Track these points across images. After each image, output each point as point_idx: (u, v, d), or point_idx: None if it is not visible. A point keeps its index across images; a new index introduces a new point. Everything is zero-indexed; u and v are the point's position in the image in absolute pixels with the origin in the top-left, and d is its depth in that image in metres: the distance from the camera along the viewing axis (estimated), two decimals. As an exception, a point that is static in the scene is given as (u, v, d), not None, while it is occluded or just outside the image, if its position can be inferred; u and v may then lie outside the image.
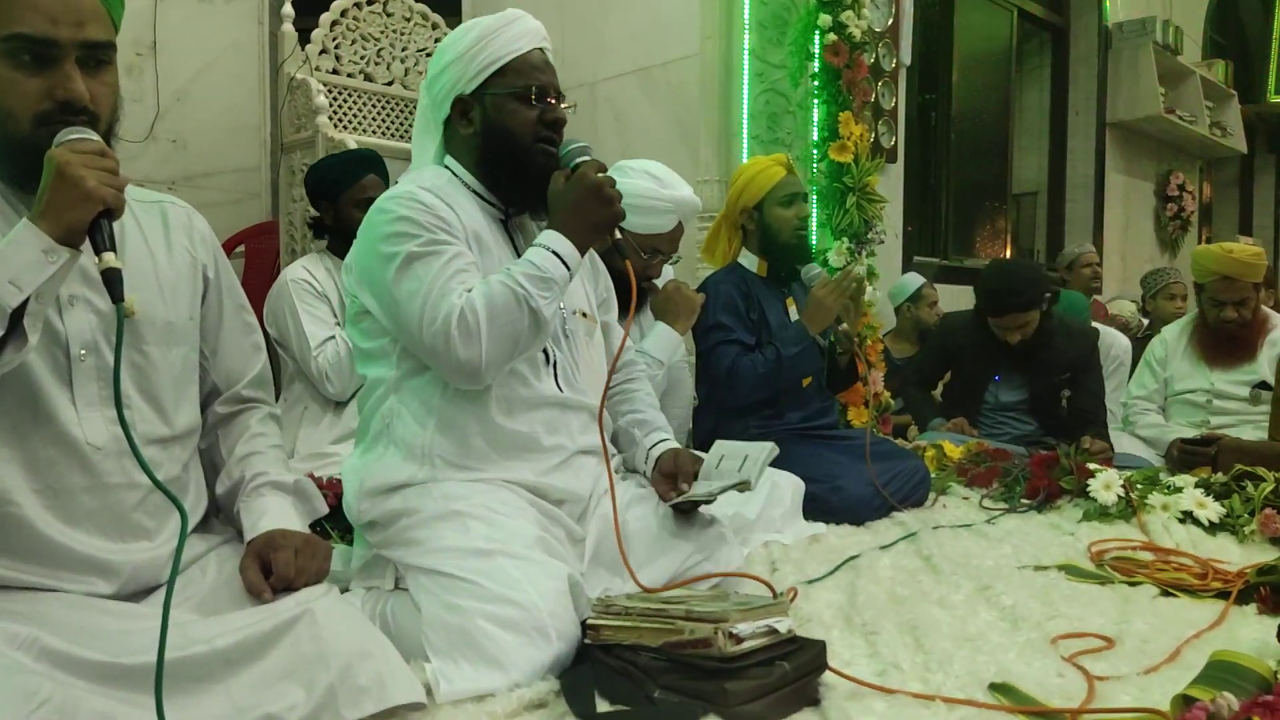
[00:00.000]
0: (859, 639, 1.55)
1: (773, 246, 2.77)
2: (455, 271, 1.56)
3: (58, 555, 1.19)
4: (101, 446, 1.22)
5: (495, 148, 1.68)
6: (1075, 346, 3.35)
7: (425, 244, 1.56)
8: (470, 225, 1.65)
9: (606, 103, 4.23)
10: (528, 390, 1.64)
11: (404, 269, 1.55)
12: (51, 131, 1.17)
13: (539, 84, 1.66)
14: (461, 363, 1.52)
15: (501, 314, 1.52)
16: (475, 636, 1.32)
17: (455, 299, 1.52)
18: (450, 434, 1.60)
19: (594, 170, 1.61)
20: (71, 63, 1.19)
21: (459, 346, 1.51)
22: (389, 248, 1.57)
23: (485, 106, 1.67)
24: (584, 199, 1.59)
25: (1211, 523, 2.34)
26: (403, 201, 1.59)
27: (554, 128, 1.67)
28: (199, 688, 1.08)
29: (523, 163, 1.67)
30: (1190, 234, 7.30)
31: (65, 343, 1.21)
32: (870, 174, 3.76)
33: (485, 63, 1.65)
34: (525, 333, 1.54)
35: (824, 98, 3.72)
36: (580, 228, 1.60)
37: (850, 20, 3.71)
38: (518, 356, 1.58)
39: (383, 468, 1.62)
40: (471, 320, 1.51)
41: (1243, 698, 1.11)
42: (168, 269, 1.36)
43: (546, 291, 1.54)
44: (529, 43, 1.67)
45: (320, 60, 3.62)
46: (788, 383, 2.69)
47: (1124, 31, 6.34)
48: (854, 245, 3.72)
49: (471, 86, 1.67)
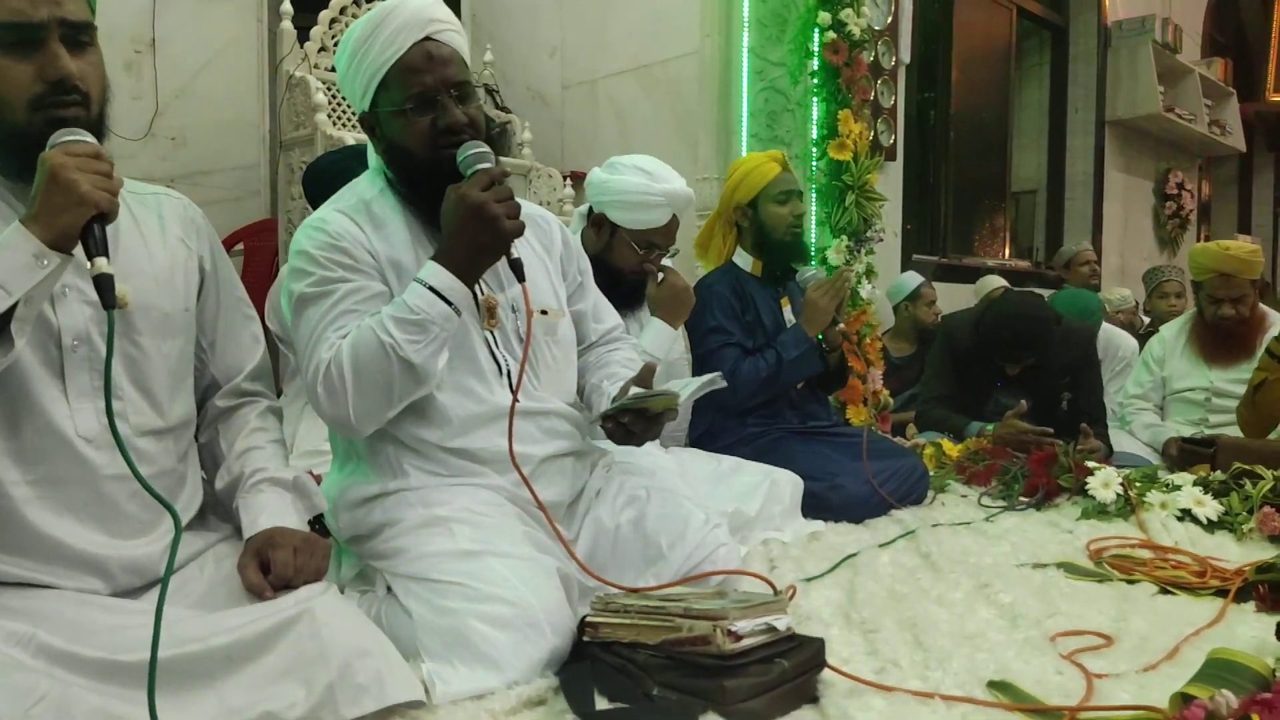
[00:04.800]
0: (858, 637, 1.55)
1: (767, 244, 2.76)
2: (338, 315, 1.48)
3: (51, 549, 1.18)
4: (93, 439, 1.21)
5: (401, 166, 1.58)
6: (1074, 349, 3.35)
7: (316, 284, 1.50)
8: (387, 250, 1.55)
9: (606, 100, 4.23)
10: (479, 405, 1.56)
11: (298, 313, 1.52)
12: (47, 116, 1.16)
13: (419, 90, 1.51)
14: (331, 419, 1.48)
15: (367, 367, 1.42)
16: (469, 637, 1.31)
17: (324, 352, 1.45)
18: (413, 450, 1.57)
19: (480, 185, 1.44)
20: (56, 42, 1.18)
21: (325, 404, 1.46)
22: (291, 284, 1.54)
23: (380, 124, 1.57)
24: (465, 220, 1.44)
25: (1210, 521, 2.34)
26: (307, 232, 1.54)
27: (452, 131, 1.51)
28: (197, 684, 1.08)
29: (429, 176, 1.53)
30: (1189, 232, 7.30)
31: (57, 333, 1.21)
32: (869, 172, 3.76)
33: (366, 80, 1.54)
34: (397, 383, 1.44)
35: (823, 95, 3.72)
36: (463, 255, 1.46)
37: (850, 18, 3.71)
38: (397, 405, 1.48)
39: (356, 483, 1.60)
40: (336, 376, 1.44)
41: (1241, 695, 1.11)
42: (163, 260, 1.35)
43: (418, 335, 1.42)
44: (406, 39, 1.50)
45: (319, 58, 3.62)
46: (787, 386, 2.69)
47: (1123, 30, 6.34)
48: (853, 243, 3.72)
49: (365, 105, 1.57)
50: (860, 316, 3.70)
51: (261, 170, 3.94)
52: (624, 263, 2.40)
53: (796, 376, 2.68)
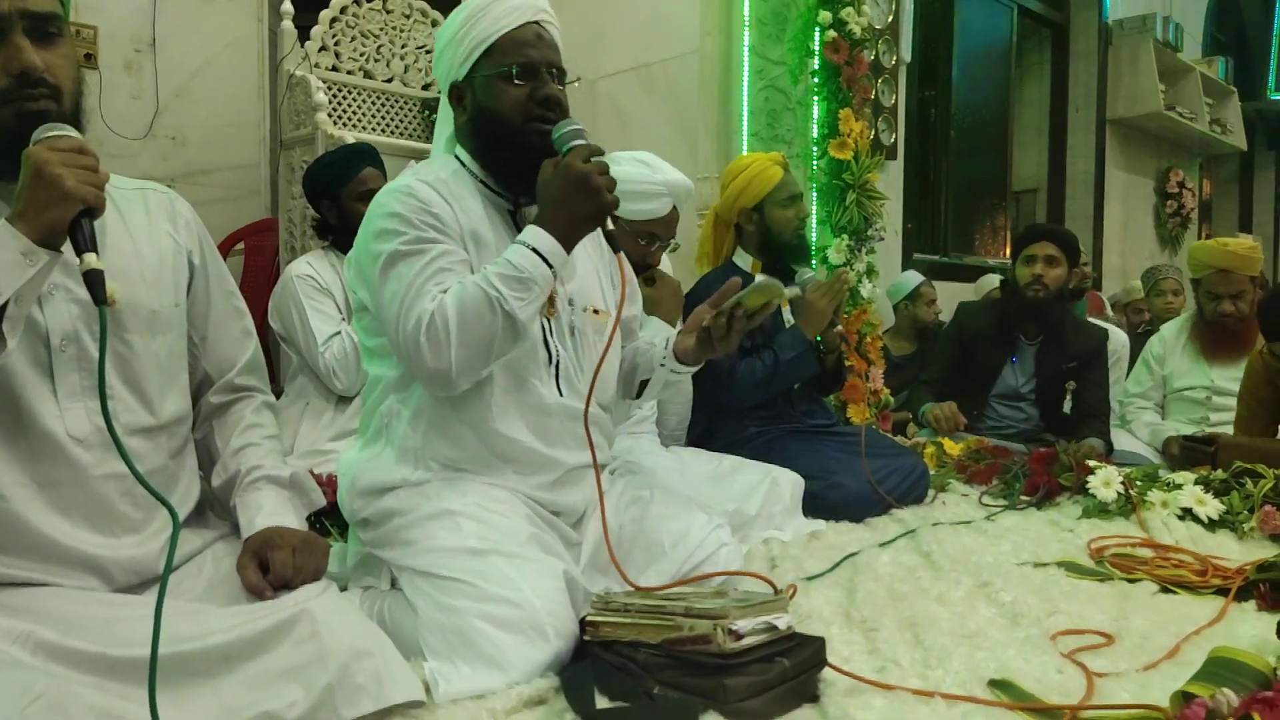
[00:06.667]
0: (858, 635, 1.55)
1: (772, 247, 2.77)
2: (435, 272, 1.50)
3: (47, 549, 1.18)
4: (83, 438, 1.21)
5: (487, 132, 1.61)
6: (1086, 340, 3.43)
7: (410, 242, 1.52)
8: (468, 221, 1.59)
9: (606, 99, 4.23)
10: (528, 395, 1.59)
11: (388, 269, 1.52)
12: (15, 110, 1.15)
13: (525, 60, 1.57)
14: (431, 371, 1.48)
15: (472, 319, 1.45)
16: (472, 637, 1.31)
17: (428, 303, 1.47)
18: (444, 438, 1.57)
19: (582, 157, 1.49)
20: (19, 34, 1.16)
21: (428, 354, 1.46)
22: (377, 245, 1.54)
23: (475, 90, 1.61)
24: (569, 190, 1.49)
25: (1211, 519, 2.34)
26: (396, 196, 1.56)
27: (547, 105, 1.57)
28: (196, 683, 1.08)
29: (516, 145, 1.58)
30: (1190, 231, 7.30)
31: (45, 333, 1.20)
32: (870, 171, 3.75)
33: (473, 44, 1.59)
34: (499, 338, 1.47)
35: (824, 94, 3.71)
36: (565, 221, 1.50)
37: (850, 17, 3.70)
38: (494, 361, 1.51)
39: (376, 467, 1.60)
40: (440, 327, 1.45)
41: (1242, 694, 1.10)
42: (151, 256, 1.34)
43: (523, 293, 1.46)
44: (519, 17, 1.59)
45: (320, 57, 3.61)
46: (785, 386, 2.69)
47: (1124, 28, 6.34)
48: (853, 242, 3.72)
49: (463, 71, 1.61)
50: (861, 315, 3.70)
51: (262, 170, 3.94)
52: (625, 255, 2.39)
53: (793, 378, 2.68)
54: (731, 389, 2.63)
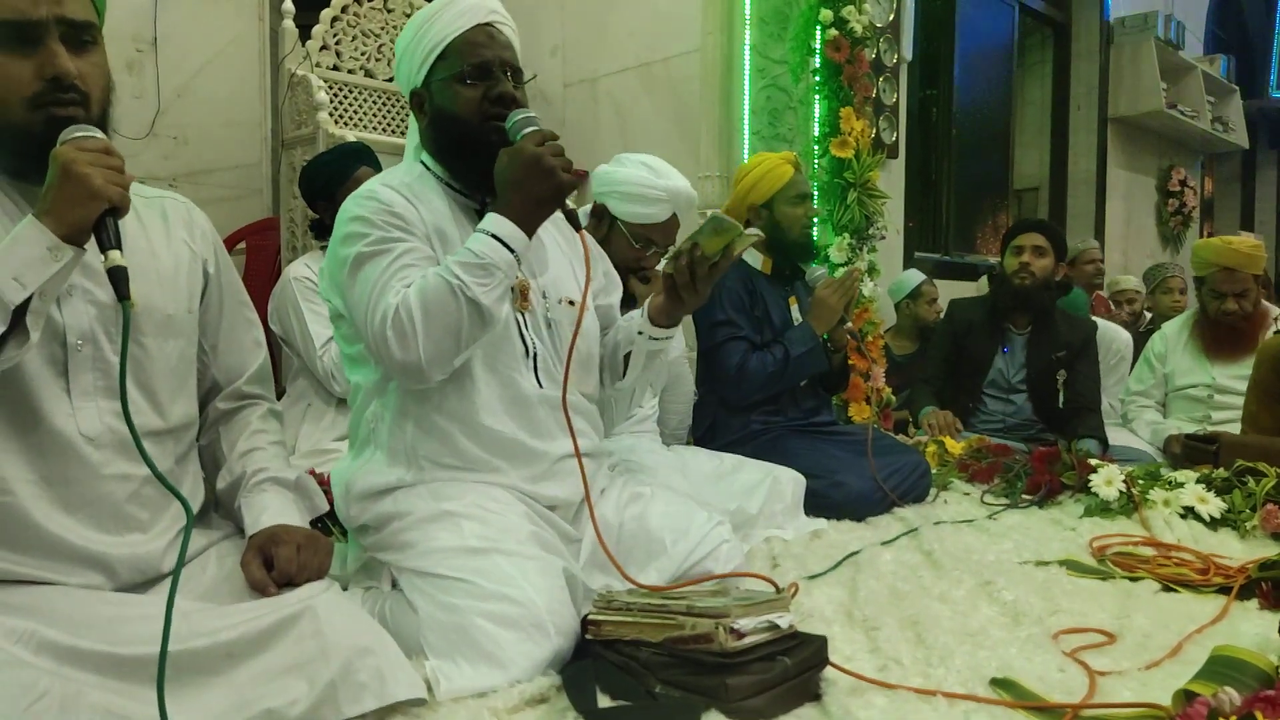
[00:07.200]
0: (860, 634, 1.55)
1: (780, 244, 2.77)
2: (400, 268, 1.51)
3: (52, 546, 1.19)
4: (95, 438, 1.22)
5: (446, 134, 1.63)
6: (1077, 331, 3.48)
7: (374, 243, 1.53)
8: (433, 219, 1.61)
9: (607, 98, 4.23)
10: (510, 388, 1.60)
11: (354, 271, 1.53)
12: (46, 115, 1.17)
13: (478, 60, 1.59)
14: (401, 364, 1.48)
15: (436, 309, 1.46)
16: (473, 635, 1.31)
17: (392, 298, 1.48)
18: (432, 436, 1.57)
19: (535, 141, 1.50)
20: (55, 40, 1.18)
21: (396, 348, 1.47)
22: (343, 250, 1.56)
23: (433, 94, 1.63)
24: (523, 173, 1.49)
25: (1213, 518, 2.34)
26: (358, 201, 1.58)
27: (502, 103, 1.59)
28: (199, 680, 1.08)
29: (476, 144, 1.59)
30: (1192, 229, 7.29)
31: (62, 333, 1.21)
32: (871, 170, 3.75)
33: (427, 50, 1.61)
34: (465, 325, 1.47)
35: (825, 93, 3.71)
36: (521, 204, 1.50)
37: (851, 15, 3.70)
38: (465, 349, 1.51)
39: (369, 472, 1.61)
40: (406, 319, 1.46)
41: (1244, 693, 1.10)
42: (167, 262, 1.36)
43: (485, 279, 1.47)
44: (470, 19, 1.61)
45: (321, 56, 3.62)
46: (794, 382, 2.70)
47: (1125, 26, 6.33)
48: (855, 241, 3.72)
49: (420, 77, 1.64)
50: (863, 314, 3.70)
51: (263, 169, 3.94)
52: (619, 256, 2.37)
53: (803, 373, 2.69)
54: (741, 383, 2.64)
